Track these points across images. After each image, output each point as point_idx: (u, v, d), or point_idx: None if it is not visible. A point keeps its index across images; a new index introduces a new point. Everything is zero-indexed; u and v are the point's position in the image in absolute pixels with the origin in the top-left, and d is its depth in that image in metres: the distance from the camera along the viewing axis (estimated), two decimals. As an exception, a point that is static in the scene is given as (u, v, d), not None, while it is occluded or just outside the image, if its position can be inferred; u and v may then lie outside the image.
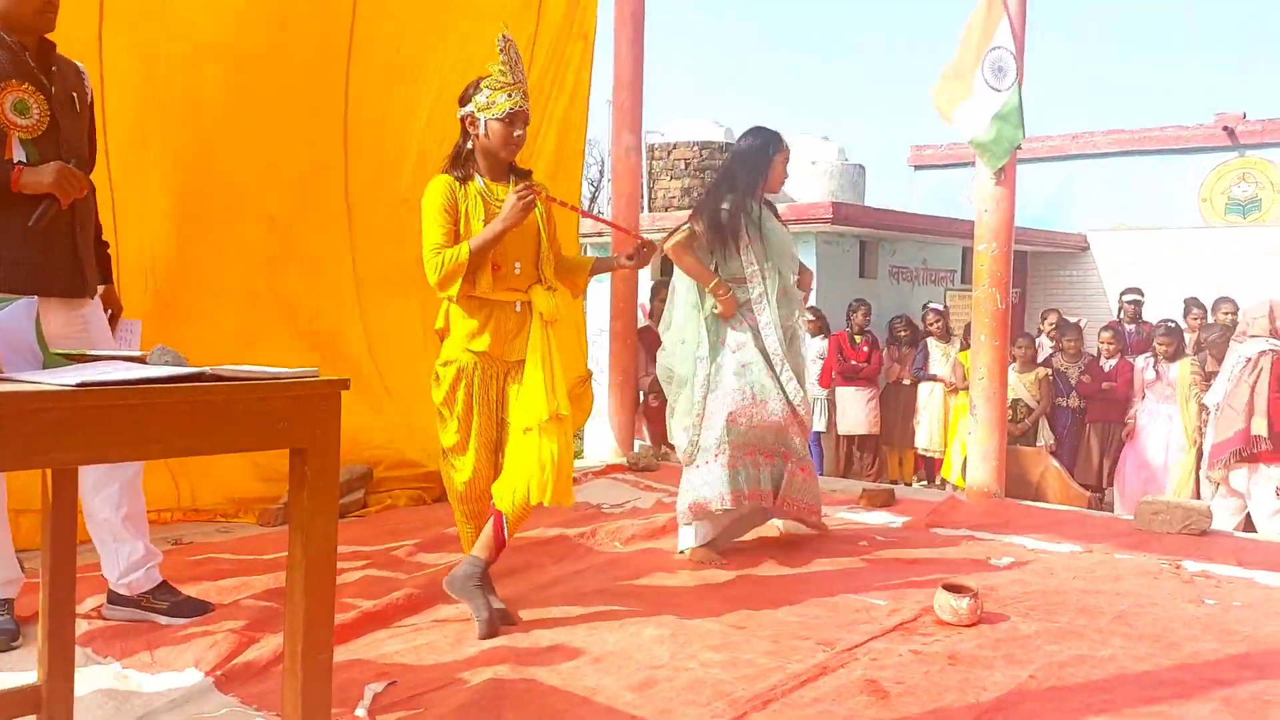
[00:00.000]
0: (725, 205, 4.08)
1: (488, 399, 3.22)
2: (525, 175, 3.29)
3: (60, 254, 2.81)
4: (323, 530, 1.66)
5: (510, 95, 3.11)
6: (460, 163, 3.22)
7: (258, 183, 4.69)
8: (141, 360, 1.80)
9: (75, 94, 2.88)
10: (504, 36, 3.13)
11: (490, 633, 3.07)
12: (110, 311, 3.14)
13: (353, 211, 5.17)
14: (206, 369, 1.57)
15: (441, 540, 4.15)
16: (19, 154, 2.68)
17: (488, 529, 3.22)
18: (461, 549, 3.47)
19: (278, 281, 4.89)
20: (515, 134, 3.15)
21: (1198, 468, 7.12)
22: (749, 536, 4.33)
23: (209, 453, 1.59)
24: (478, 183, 3.19)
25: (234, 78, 4.52)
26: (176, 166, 4.41)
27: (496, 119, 3.12)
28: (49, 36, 2.82)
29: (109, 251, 3.21)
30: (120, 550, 3.10)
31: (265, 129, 4.66)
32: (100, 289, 3.07)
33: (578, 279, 3.50)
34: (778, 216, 4.26)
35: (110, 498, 3.04)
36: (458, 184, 3.17)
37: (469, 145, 3.21)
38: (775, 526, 4.47)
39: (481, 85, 3.15)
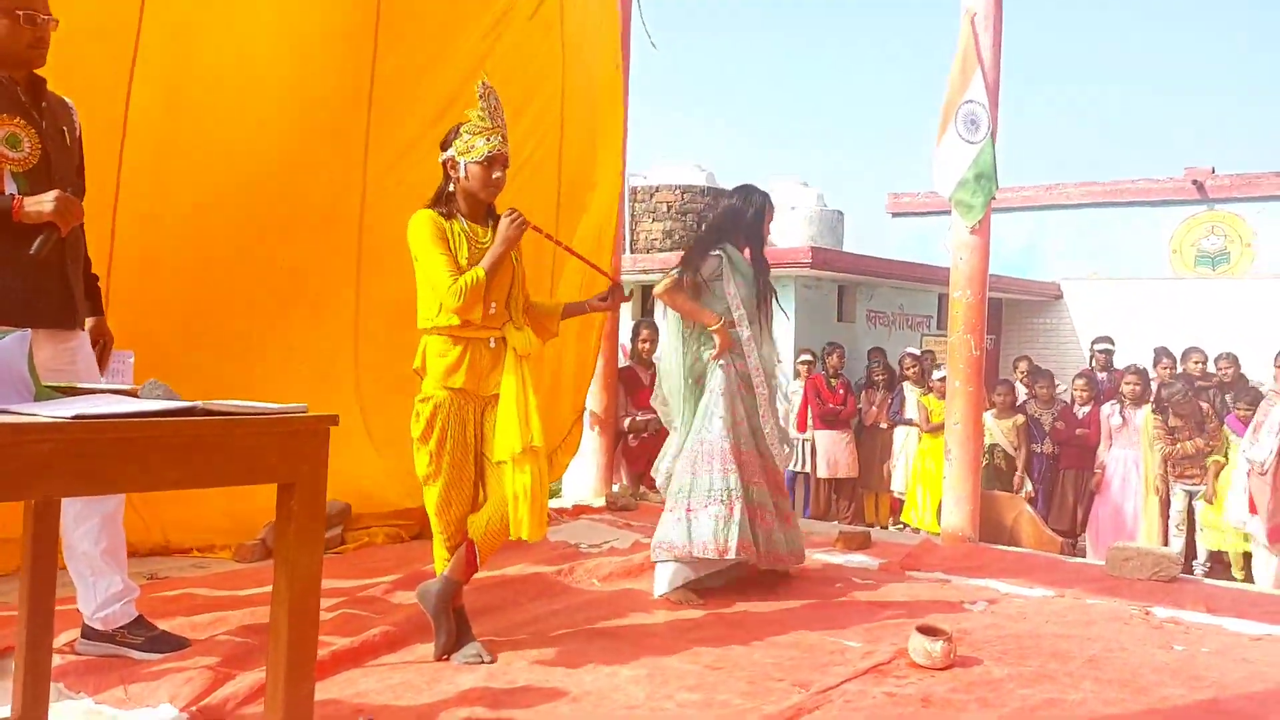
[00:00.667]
0: (715, 253, 4.25)
1: (464, 434, 3.28)
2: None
3: (52, 285, 2.82)
4: (308, 564, 1.68)
5: (489, 139, 3.22)
6: (443, 202, 3.32)
7: (278, 229, 4.70)
8: (133, 394, 1.82)
9: (65, 128, 2.92)
10: (483, 84, 3.26)
11: (445, 654, 3.23)
12: (101, 343, 3.14)
13: (363, 253, 5.20)
14: (198, 403, 1.60)
15: (419, 578, 4.12)
16: (10, 187, 2.70)
17: (460, 553, 3.29)
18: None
19: (281, 324, 4.88)
20: (494, 176, 3.25)
21: (1165, 515, 7.22)
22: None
23: (200, 485, 1.62)
24: (460, 222, 3.27)
25: (256, 125, 4.53)
26: (196, 211, 4.42)
27: (475, 162, 3.23)
28: (39, 72, 2.85)
29: (99, 284, 3.22)
30: (98, 584, 3.09)
31: (286, 171, 4.66)
32: (90, 321, 3.08)
33: (548, 323, 3.58)
34: (767, 269, 4.41)
35: (90, 531, 3.03)
36: (442, 218, 3.26)
37: (450, 188, 3.31)
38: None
39: (461, 130, 3.26)
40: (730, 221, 4.38)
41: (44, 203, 2.64)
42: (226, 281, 4.61)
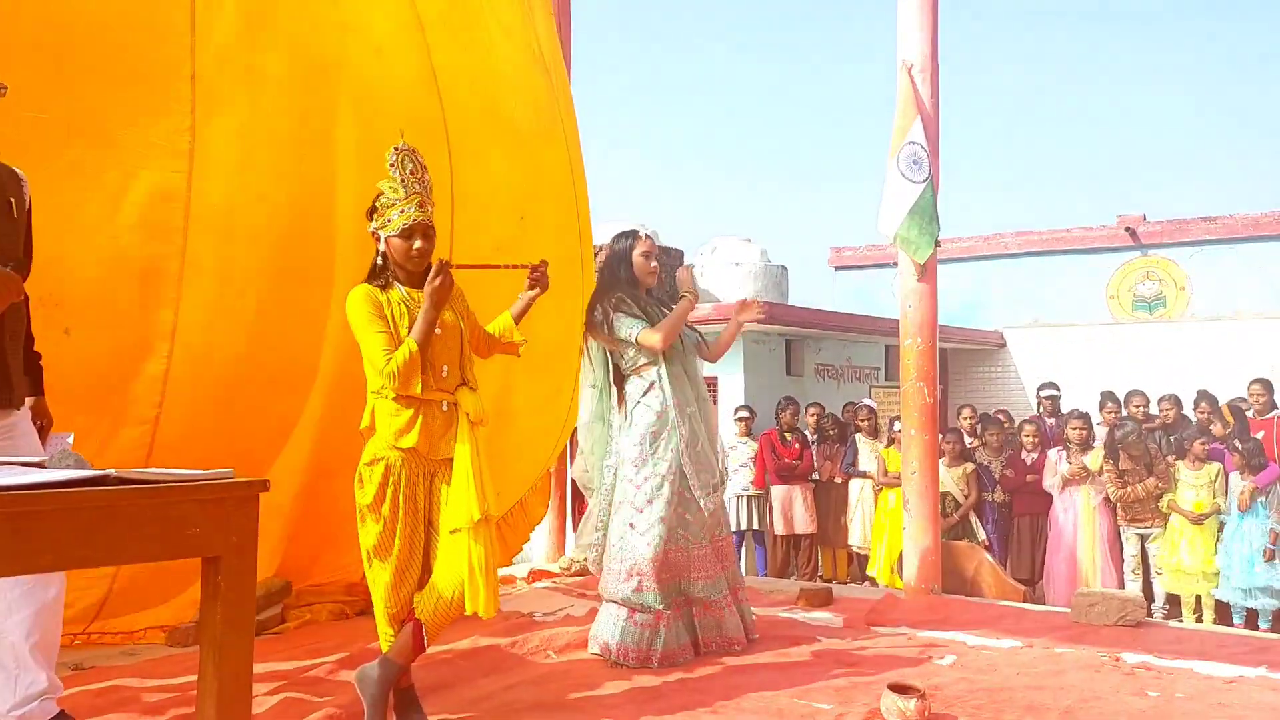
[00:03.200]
0: (602, 304, 4.18)
1: (414, 500, 3.11)
2: None
3: None
4: (237, 647, 1.52)
5: (403, 211, 3.10)
6: (378, 274, 3.19)
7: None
8: (42, 465, 1.66)
9: (13, 199, 2.81)
10: (395, 149, 3.12)
11: None
12: (40, 424, 2.97)
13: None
14: (111, 471, 1.45)
15: (365, 655, 3.91)
16: None
17: (406, 633, 3.09)
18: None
19: (267, 397, 4.52)
20: (414, 247, 3.12)
21: (1118, 559, 7.22)
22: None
23: (112, 563, 1.46)
24: (399, 291, 3.15)
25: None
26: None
27: (394, 236, 3.12)
28: None
29: (40, 363, 3.04)
30: (21, 679, 2.84)
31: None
32: (30, 401, 2.91)
33: (506, 337, 3.47)
34: (669, 306, 4.25)
35: (23, 622, 2.79)
36: (378, 290, 3.13)
37: (379, 261, 3.19)
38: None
39: (376, 203, 3.15)
40: (610, 274, 4.28)
41: None
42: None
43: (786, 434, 8.80)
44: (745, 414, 9.21)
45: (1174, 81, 47.88)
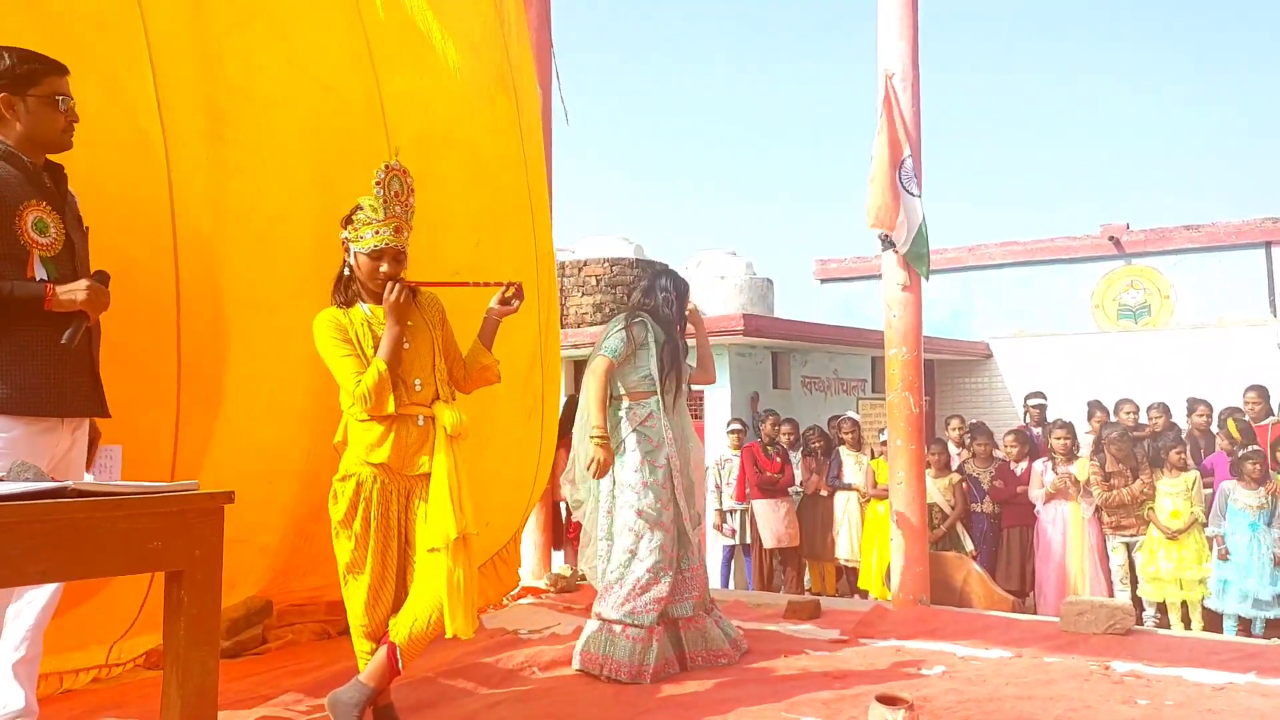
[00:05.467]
0: (639, 320, 4.26)
1: (387, 516, 3.05)
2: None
3: (82, 373, 2.77)
4: (201, 664, 1.47)
5: (377, 232, 3.07)
6: (341, 288, 3.16)
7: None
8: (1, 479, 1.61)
9: (79, 216, 2.90)
10: (386, 167, 3.09)
11: None
12: (89, 438, 2.97)
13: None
14: (69, 483, 1.41)
15: (347, 675, 3.85)
16: (40, 273, 2.66)
17: (380, 655, 3.03)
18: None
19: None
20: (381, 269, 3.08)
21: (1105, 567, 7.19)
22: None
23: (70, 578, 1.42)
24: (361, 310, 3.12)
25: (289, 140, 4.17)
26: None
27: (363, 253, 3.09)
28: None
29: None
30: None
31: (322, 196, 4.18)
32: None
33: (481, 359, 3.33)
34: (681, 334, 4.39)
35: (10, 636, 2.76)
36: (341, 313, 3.10)
37: (346, 271, 3.15)
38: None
39: (354, 216, 3.11)
40: (652, 300, 4.36)
41: (76, 291, 2.63)
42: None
43: (768, 447, 8.74)
44: (738, 426, 9.18)
45: (1156, 90, 48.33)
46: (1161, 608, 7.10)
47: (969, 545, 7.67)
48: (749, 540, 8.81)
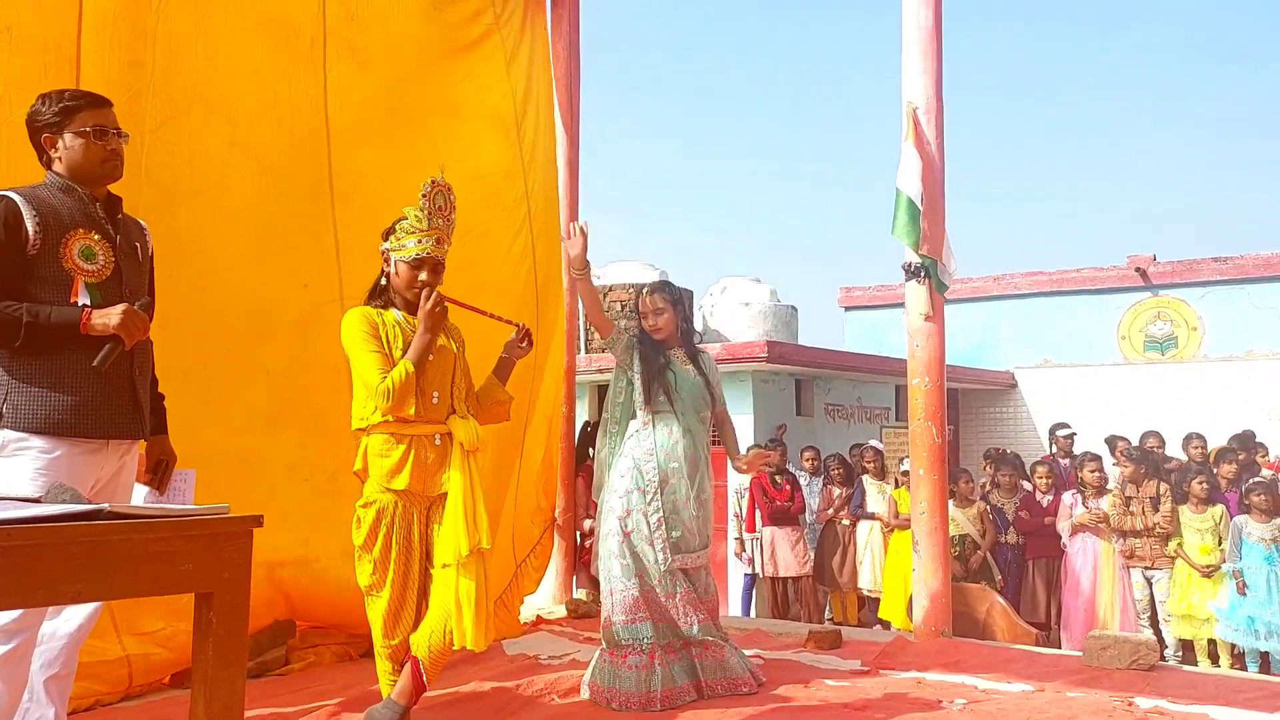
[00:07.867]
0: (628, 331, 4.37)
1: (408, 539, 3.12)
2: None
3: (121, 396, 2.84)
4: (229, 685, 1.51)
5: (420, 241, 3.17)
6: (378, 294, 3.27)
7: (255, 333, 4.30)
8: (38, 500, 1.66)
9: (138, 245, 3.00)
10: (432, 181, 3.20)
11: None
12: (164, 462, 3.08)
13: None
14: (104, 506, 1.45)
15: (368, 698, 3.88)
16: (84, 298, 2.76)
17: (406, 673, 3.10)
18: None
19: (274, 439, 4.42)
20: (420, 278, 3.19)
21: (1128, 599, 7.12)
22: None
23: (104, 599, 1.46)
24: (394, 314, 3.21)
25: (218, 224, 4.21)
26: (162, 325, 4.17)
27: (404, 261, 3.19)
28: (115, 191, 2.95)
29: (164, 403, 3.14)
30: (30, 711, 2.82)
31: (258, 275, 4.33)
32: (153, 438, 3.05)
33: (497, 395, 3.46)
34: (693, 361, 4.36)
35: (45, 652, 2.80)
36: (375, 312, 3.19)
37: (383, 280, 3.26)
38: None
39: (397, 225, 3.22)
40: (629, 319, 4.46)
41: (111, 316, 2.70)
42: (206, 392, 4.09)
43: (777, 476, 8.69)
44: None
45: (1185, 122, 48.11)
46: (1187, 644, 7.02)
47: (998, 575, 7.62)
48: (767, 570, 8.78)
